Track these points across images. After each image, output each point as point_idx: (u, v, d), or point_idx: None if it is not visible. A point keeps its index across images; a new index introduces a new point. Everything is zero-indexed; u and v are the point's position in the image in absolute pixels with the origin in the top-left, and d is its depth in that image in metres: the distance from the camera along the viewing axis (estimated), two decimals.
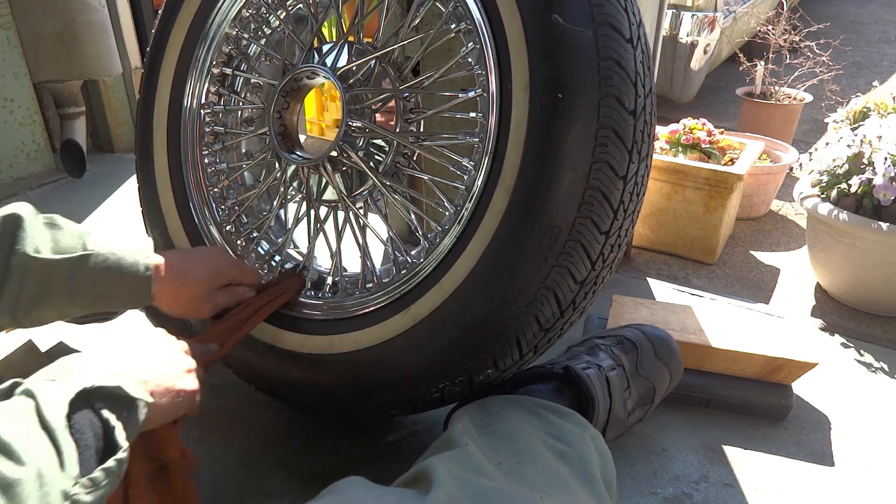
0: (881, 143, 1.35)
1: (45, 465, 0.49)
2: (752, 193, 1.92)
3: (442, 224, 0.87)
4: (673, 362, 0.98)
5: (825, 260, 1.48)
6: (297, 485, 0.95)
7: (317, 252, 1.02)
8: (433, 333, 0.81)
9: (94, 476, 0.52)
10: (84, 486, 0.51)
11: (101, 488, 0.52)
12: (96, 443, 0.54)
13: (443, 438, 0.76)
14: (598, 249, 0.77)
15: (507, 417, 0.78)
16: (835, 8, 5.01)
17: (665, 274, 1.64)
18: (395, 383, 0.86)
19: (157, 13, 1.12)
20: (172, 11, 1.07)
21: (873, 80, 2.48)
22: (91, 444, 0.53)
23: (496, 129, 0.78)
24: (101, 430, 0.55)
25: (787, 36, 2.49)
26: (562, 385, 0.88)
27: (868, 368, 1.24)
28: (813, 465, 1.01)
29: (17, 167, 2.03)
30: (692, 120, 1.82)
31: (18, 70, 1.96)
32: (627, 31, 0.75)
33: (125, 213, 1.86)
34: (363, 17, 0.95)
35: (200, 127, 1.09)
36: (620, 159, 0.75)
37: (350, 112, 0.90)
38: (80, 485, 0.51)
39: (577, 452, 0.73)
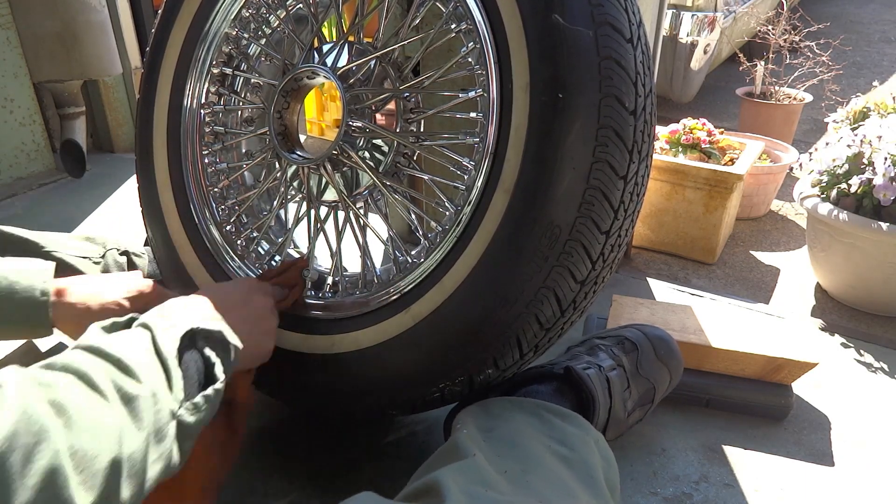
0: (881, 143, 1.35)
1: (159, 387, 0.56)
2: (752, 193, 1.92)
3: (442, 224, 0.87)
4: (673, 362, 0.98)
5: (825, 260, 1.48)
6: (297, 485, 0.95)
7: (317, 252, 1.02)
8: (433, 333, 0.81)
9: (196, 401, 0.59)
10: (188, 408, 0.58)
11: (201, 412, 0.59)
12: (198, 376, 0.62)
13: (448, 446, 0.75)
14: (599, 249, 0.77)
15: (509, 420, 0.78)
16: (835, 8, 5.01)
17: (665, 274, 1.64)
18: (395, 383, 0.86)
19: (157, 13, 1.12)
20: (172, 11, 1.07)
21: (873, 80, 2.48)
22: (194, 376, 0.61)
23: (496, 130, 0.78)
24: (203, 366, 0.63)
25: (787, 36, 2.49)
26: (562, 385, 0.88)
27: (868, 368, 1.24)
28: (813, 465, 1.01)
29: (17, 167, 2.03)
30: (692, 120, 1.82)
31: (18, 70, 1.96)
32: (627, 31, 0.75)
33: (125, 213, 1.86)
34: (363, 17, 0.95)
35: (200, 127, 1.09)
36: (621, 159, 0.75)
37: (350, 112, 0.90)
38: (185, 407, 0.58)
39: (580, 456, 0.73)
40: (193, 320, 0.65)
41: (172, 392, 0.57)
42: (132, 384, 0.53)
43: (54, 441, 0.45)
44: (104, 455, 0.48)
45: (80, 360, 0.53)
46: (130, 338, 0.58)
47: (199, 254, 1.04)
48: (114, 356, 0.54)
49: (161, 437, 0.54)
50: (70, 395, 0.49)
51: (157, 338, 0.59)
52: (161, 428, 0.55)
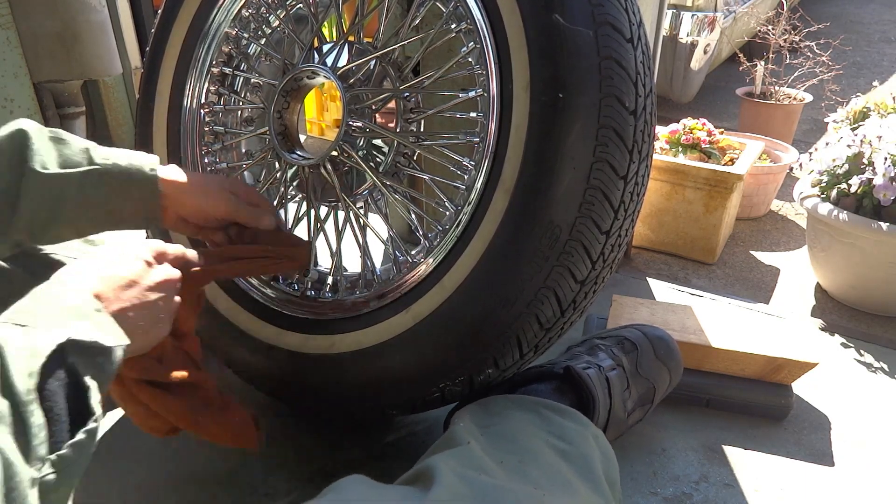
0: (881, 143, 1.35)
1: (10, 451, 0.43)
2: (752, 193, 1.92)
3: (442, 224, 0.87)
4: (672, 362, 0.98)
5: (825, 260, 1.48)
6: (297, 485, 0.95)
7: (316, 252, 1.02)
8: (434, 333, 0.81)
9: (63, 454, 0.46)
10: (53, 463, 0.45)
11: (71, 464, 0.47)
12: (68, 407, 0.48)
13: (444, 437, 0.76)
14: (599, 249, 0.77)
15: (508, 417, 0.78)
16: (835, 8, 5.01)
17: (665, 274, 1.64)
18: (395, 383, 0.86)
19: (157, 13, 1.12)
20: (172, 11, 1.07)
21: (873, 80, 2.48)
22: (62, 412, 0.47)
23: (496, 129, 0.78)
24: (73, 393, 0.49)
25: (787, 36, 2.49)
26: (562, 385, 0.88)
27: (868, 368, 1.24)
28: (813, 465, 1.01)
29: None
30: (692, 120, 1.82)
31: (18, 70, 1.96)
32: (628, 31, 0.75)
33: None
34: (363, 17, 0.95)
35: (200, 127, 1.09)
36: (621, 159, 0.75)
37: (350, 112, 0.90)
38: (50, 463, 0.45)
39: (578, 451, 0.73)
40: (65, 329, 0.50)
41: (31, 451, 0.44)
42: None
43: None
44: None
45: None
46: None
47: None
48: None
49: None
50: None
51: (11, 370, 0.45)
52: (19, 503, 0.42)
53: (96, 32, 1.98)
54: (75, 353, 0.50)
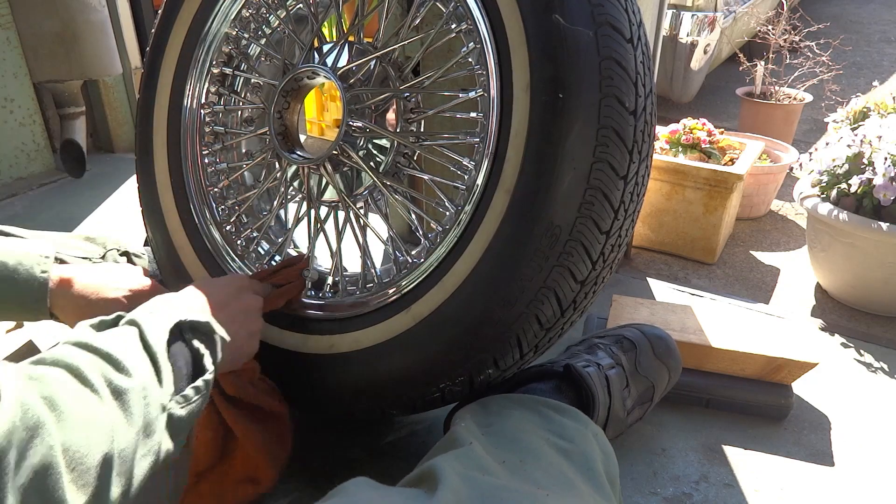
0: (881, 143, 1.35)
1: (148, 381, 0.56)
2: (752, 193, 1.92)
3: (443, 224, 0.87)
4: (672, 361, 0.98)
5: (825, 260, 1.48)
6: (297, 485, 0.95)
7: (317, 252, 1.02)
8: (434, 333, 0.81)
9: (185, 393, 0.59)
10: (178, 401, 0.58)
11: (191, 404, 0.59)
12: (187, 368, 0.62)
13: (446, 438, 0.76)
14: (599, 249, 0.77)
15: (508, 416, 0.78)
16: (835, 8, 5.01)
17: (665, 274, 1.64)
18: (395, 383, 0.86)
19: (157, 13, 1.12)
20: (172, 11, 1.07)
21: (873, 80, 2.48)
22: (183, 368, 0.61)
23: (497, 130, 0.78)
24: (191, 358, 0.63)
25: (787, 36, 2.49)
26: (562, 383, 0.88)
27: (868, 368, 1.24)
28: (813, 465, 1.01)
29: (17, 167, 2.03)
30: (692, 120, 1.82)
31: (18, 70, 1.96)
32: (628, 31, 0.75)
33: (125, 213, 1.86)
34: (363, 17, 0.95)
35: (200, 127, 1.09)
36: (621, 159, 0.75)
37: (350, 112, 0.90)
38: (175, 400, 0.58)
39: (579, 449, 0.73)
40: (180, 313, 0.65)
41: (162, 386, 0.57)
42: (122, 378, 0.53)
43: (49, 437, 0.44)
44: (95, 451, 0.48)
45: (71, 355, 0.52)
46: (119, 334, 0.59)
47: (199, 254, 1.04)
48: (103, 351, 0.55)
49: (151, 431, 0.54)
50: (61, 390, 0.48)
51: (146, 332, 0.60)
52: (151, 422, 0.54)
53: (96, 32, 1.99)
54: (190, 329, 0.65)
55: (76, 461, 0.46)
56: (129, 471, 0.51)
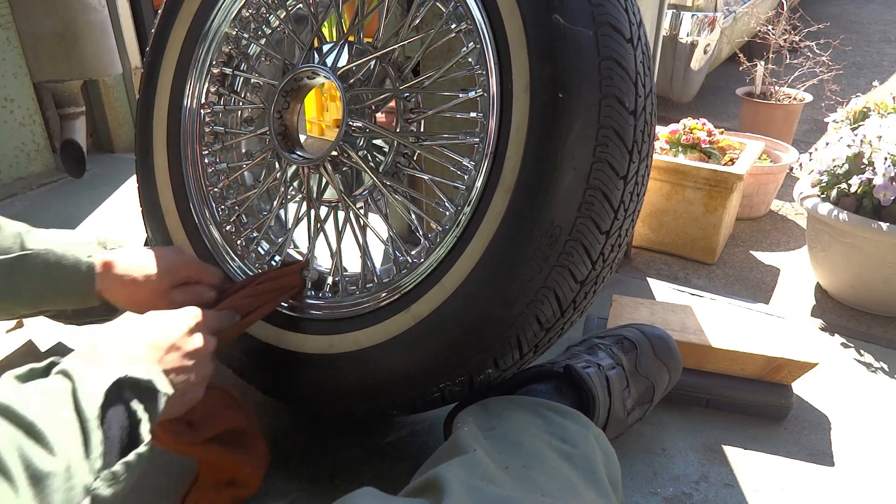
0: (881, 143, 1.35)
1: (74, 459, 0.50)
2: (752, 193, 1.92)
3: (442, 224, 0.87)
4: (672, 361, 0.98)
5: (825, 260, 1.48)
6: (297, 485, 0.95)
7: (317, 252, 1.02)
8: (434, 333, 0.81)
9: (115, 470, 0.53)
10: (106, 479, 0.52)
11: (120, 482, 0.53)
12: (121, 435, 0.56)
13: (449, 444, 0.75)
14: (599, 249, 0.77)
15: (510, 419, 0.78)
16: (835, 8, 5.01)
17: (665, 274, 1.64)
18: (395, 383, 0.86)
19: (157, 13, 1.12)
20: (172, 11, 1.07)
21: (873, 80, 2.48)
22: (116, 435, 0.55)
23: (496, 129, 0.78)
24: (127, 424, 0.57)
25: (787, 36, 2.49)
26: (562, 384, 0.88)
27: (868, 368, 1.24)
28: (813, 465, 1.01)
29: (17, 167, 2.03)
30: (692, 120, 1.82)
31: (18, 70, 1.96)
32: (628, 31, 0.75)
33: (125, 213, 1.86)
34: (363, 17, 0.95)
35: (200, 127, 1.09)
36: (621, 159, 0.75)
37: (350, 112, 0.90)
38: (102, 478, 0.52)
39: (581, 452, 0.73)
40: (122, 366, 0.59)
41: (89, 460, 0.51)
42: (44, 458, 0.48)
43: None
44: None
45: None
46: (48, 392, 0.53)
47: (199, 254, 1.05)
48: (26, 420, 0.49)
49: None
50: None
51: (79, 392, 0.53)
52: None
53: (96, 32, 1.99)
54: (130, 388, 0.58)
55: None
56: None
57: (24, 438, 0.48)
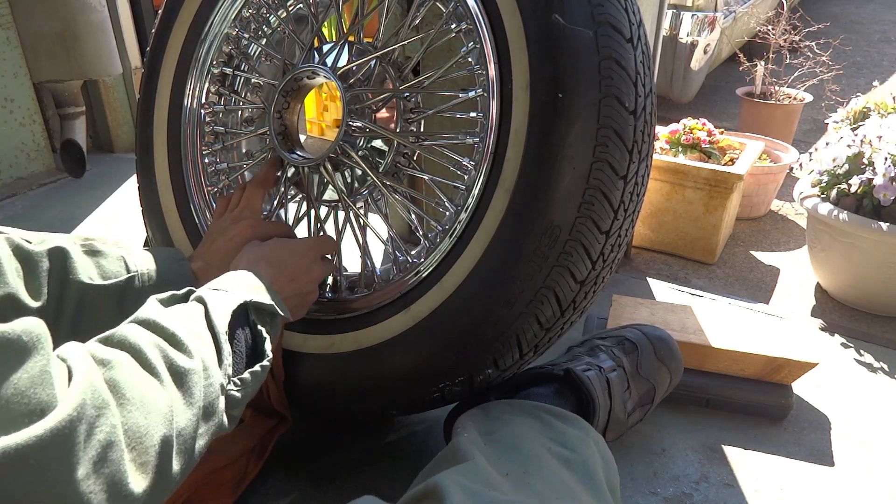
0: (881, 143, 1.35)
1: (209, 362, 0.57)
2: (752, 193, 1.92)
3: (442, 224, 0.87)
4: (673, 363, 0.98)
5: (825, 260, 1.48)
6: (297, 485, 0.95)
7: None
8: (433, 333, 0.81)
9: (244, 377, 0.61)
10: (235, 384, 0.60)
11: (248, 387, 0.61)
12: (247, 349, 0.64)
13: (449, 449, 0.75)
14: (599, 249, 0.77)
15: (510, 423, 0.78)
16: (835, 8, 5.01)
17: (665, 274, 1.64)
18: (395, 383, 0.86)
19: (157, 13, 1.12)
20: (172, 12, 1.07)
21: (873, 80, 2.48)
22: (242, 351, 0.63)
23: (496, 129, 0.78)
24: (252, 340, 0.65)
25: (787, 36, 2.49)
26: (562, 387, 0.88)
27: (868, 368, 1.24)
28: (813, 465, 1.01)
29: (17, 167, 2.03)
30: (692, 120, 1.82)
31: (18, 70, 1.96)
32: (627, 31, 0.75)
33: (125, 213, 1.86)
34: (363, 17, 0.95)
35: (200, 127, 1.09)
36: (621, 159, 0.75)
37: (350, 112, 0.90)
38: (233, 382, 0.60)
39: (581, 458, 0.73)
40: (247, 293, 0.67)
41: (222, 367, 0.58)
42: (184, 359, 0.54)
43: (113, 417, 0.46)
44: (154, 433, 0.49)
45: (135, 335, 0.54)
46: (185, 312, 0.60)
47: None
48: (168, 330, 0.56)
49: (210, 411, 0.56)
50: (124, 374, 0.49)
51: (211, 312, 0.61)
52: (211, 402, 0.56)
53: (96, 32, 1.99)
54: (255, 311, 0.67)
55: (136, 441, 0.47)
56: (188, 449, 0.53)
57: (166, 344, 0.55)
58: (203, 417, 0.55)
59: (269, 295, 0.69)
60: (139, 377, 0.50)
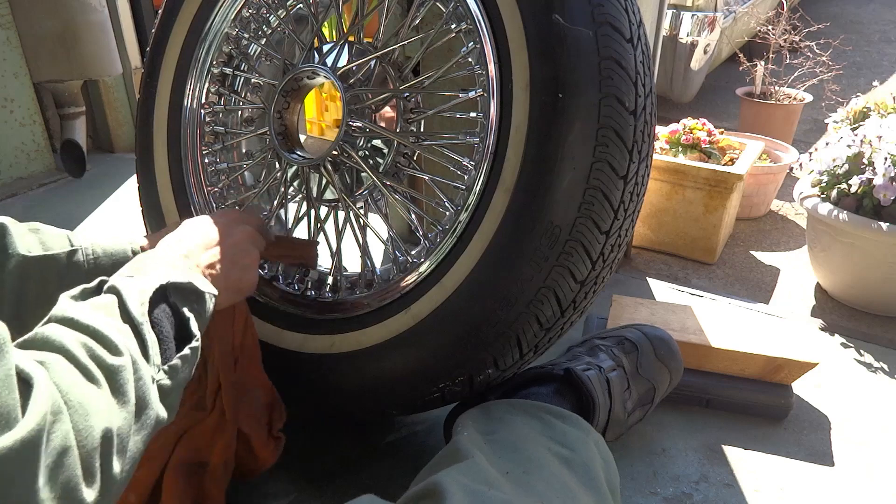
0: (881, 143, 1.35)
1: (136, 355, 0.55)
2: (752, 193, 1.92)
3: (442, 224, 0.87)
4: (673, 363, 0.98)
5: (825, 260, 1.48)
6: (297, 485, 0.95)
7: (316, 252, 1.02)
8: (434, 333, 0.81)
9: (173, 363, 0.58)
10: (166, 372, 0.57)
11: (179, 373, 0.59)
12: (173, 330, 0.61)
13: (449, 449, 0.75)
14: (599, 249, 0.77)
15: (510, 423, 0.78)
16: (835, 8, 5.01)
17: (665, 274, 1.64)
18: (395, 383, 0.86)
19: (157, 13, 1.12)
20: (172, 11, 1.07)
21: (873, 80, 2.48)
22: (169, 333, 0.60)
23: (496, 129, 0.78)
24: (176, 322, 0.62)
25: (787, 36, 2.49)
26: (562, 387, 0.88)
27: (868, 368, 1.24)
28: (813, 465, 1.01)
29: (17, 167, 2.03)
30: (692, 120, 1.82)
31: (18, 70, 1.96)
32: (628, 31, 0.75)
33: (125, 213, 1.86)
34: (363, 17, 0.95)
35: (201, 127, 1.09)
36: (621, 159, 0.75)
37: (350, 112, 0.90)
38: (163, 371, 0.57)
39: (581, 458, 0.73)
40: (163, 275, 0.63)
41: (149, 358, 0.56)
42: (111, 357, 0.52)
43: (66, 421, 0.45)
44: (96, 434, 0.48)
45: (59, 335, 0.52)
46: (101, 305, 0.57)
47: None
48: (90, 327, 0.53)
49: (143, 406, 0.54)
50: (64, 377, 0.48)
51: (127, 302, 0.58)
52: (143, 397, 0.54)
53: (96, 32, 1.98)
54: (174, 291, 0.63)
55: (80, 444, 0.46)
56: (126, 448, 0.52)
57: (92, 341, 0.52)
58: (137, 413, 0.53)
59: (188, 273, 0.66)
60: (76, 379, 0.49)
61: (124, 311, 0.57)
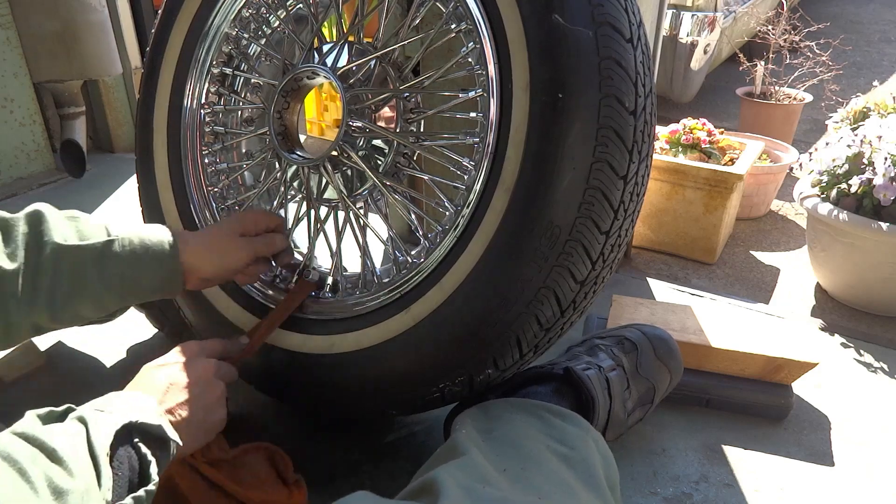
0: (881, 143, 1.35)
1: (91, 485, 0.54)
2: (752, 193, 1.92)
3: (442, 224, 0.87)
4: (673, 362, 0.98)
5: (825, 260, 1.48)
6: None
7: (317, 252, 1.02)
8: (433, 333, 0.81)
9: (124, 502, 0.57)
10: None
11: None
12: (131, 474, 0.60)
13: (447, 446, 0.75)
14: (599, 249, 0.77)
15: (509, 421, 0.78)
16: (835, 8, 5.01)
17: (665, 274, 1.64)
18: (395, 383, 0.86)
19: (157, 13, 1.12)
20: (172, 11, 1.07)
21: (873, 80, 2.48)
22: (126, 474, 0.59)
23: (496, 129, 0.78)
24: (137, 464, 0.61)
25: (787, 36, 2.49)
26: (562, 386, 0.88)
27: (868, 368, 1.24)
28: (813, 465, 1.01)
29: (17, 167, 2.03)
30: (692, 120, 1.82)
31: (18, 70, 1.96)
32: (627, 31, 0.75)
33: (125, 213, 1.86)
34: (363, 17, 0.95)
35: (200, 127, 1.09)
36: (621, 159, 0.75)
37: (350, 112, 0.90)
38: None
39: (580, 456, 0.73)
40: (131, 414, 0.63)
41: (101, 490, 0.55)
42: (64, 477, 0.52)
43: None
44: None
45: (14, 447, 0.51)
46: (65, 430, 0.57)
47: None
48: (48, 446, 0.53)
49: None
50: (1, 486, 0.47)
51: (91, 433, 0.58)
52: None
53: (96, 32, 1.99)
54: (139, 432, 0.63)
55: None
56: None
57: (46, 460, 0.52)
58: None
59: (156, 418, 0.65)
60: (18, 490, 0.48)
61: (87, 440, 0.57)
